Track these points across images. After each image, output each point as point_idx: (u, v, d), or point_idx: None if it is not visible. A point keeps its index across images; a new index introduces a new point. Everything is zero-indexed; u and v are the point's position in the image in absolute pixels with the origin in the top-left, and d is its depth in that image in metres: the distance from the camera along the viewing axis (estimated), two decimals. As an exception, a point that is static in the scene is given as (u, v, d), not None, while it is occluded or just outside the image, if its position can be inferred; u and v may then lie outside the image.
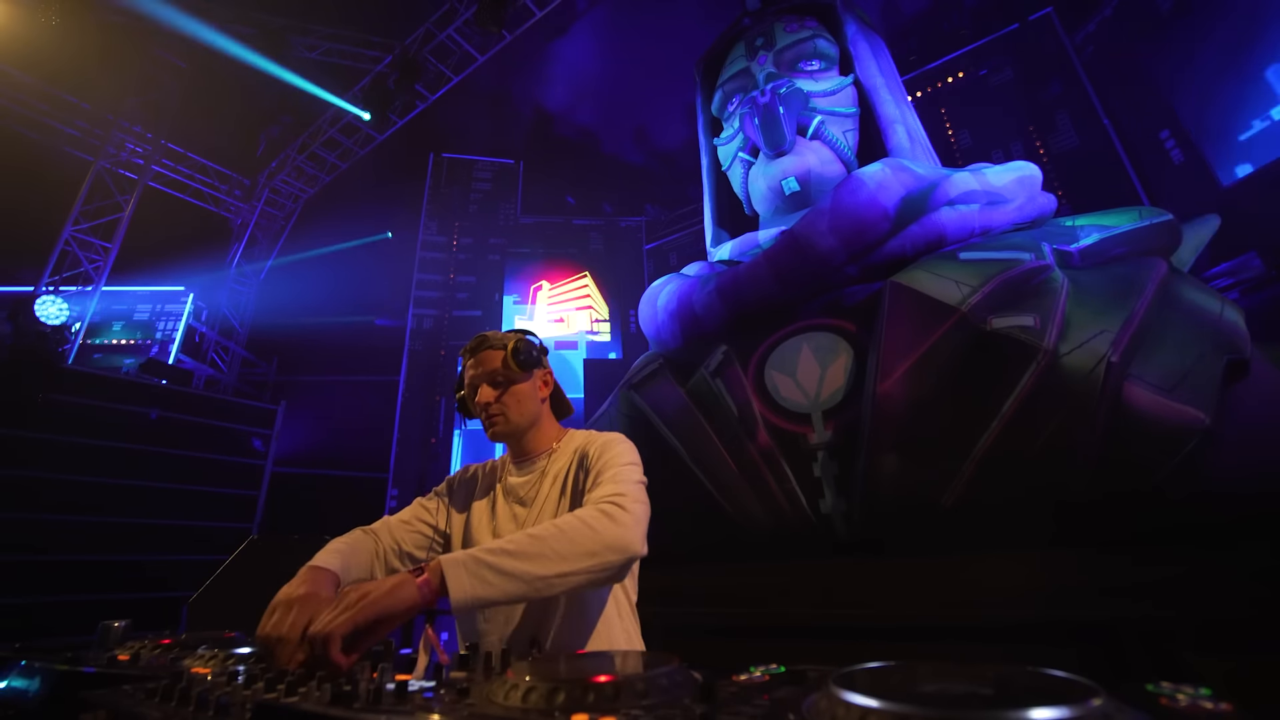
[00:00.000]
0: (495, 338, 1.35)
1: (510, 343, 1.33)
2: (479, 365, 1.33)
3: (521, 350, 1.31)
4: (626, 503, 1.06)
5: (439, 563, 0.91)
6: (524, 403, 1.33)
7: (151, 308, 8.44)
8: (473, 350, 1.35)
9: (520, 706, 0.63)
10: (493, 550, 0.93)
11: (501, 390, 1.31)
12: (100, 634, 1.29)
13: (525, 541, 0.95)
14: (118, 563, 5.28)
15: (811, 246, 3.03)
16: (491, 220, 10.31)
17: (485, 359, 1.32)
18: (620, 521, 1.02)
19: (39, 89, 7.36)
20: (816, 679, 0.68)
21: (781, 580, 2.63)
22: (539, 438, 1.36)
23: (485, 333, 1.37)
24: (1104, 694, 0.46)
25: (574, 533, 0.98)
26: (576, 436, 1.37)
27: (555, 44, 11.80)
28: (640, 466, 1.24)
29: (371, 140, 8.71)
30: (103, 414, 5.48)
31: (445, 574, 0.89)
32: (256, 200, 9.32)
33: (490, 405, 1.30)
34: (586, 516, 1.02)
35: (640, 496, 1.13)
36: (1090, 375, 2.13)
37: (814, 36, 4.07)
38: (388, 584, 0.88)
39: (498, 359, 1.31)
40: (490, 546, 0.95)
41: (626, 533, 1.01)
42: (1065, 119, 6.26)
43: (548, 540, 0.96)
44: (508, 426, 1.32)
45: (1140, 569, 1.97)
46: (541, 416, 1.38)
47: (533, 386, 1.35)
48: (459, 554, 0.93)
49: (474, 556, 0.92)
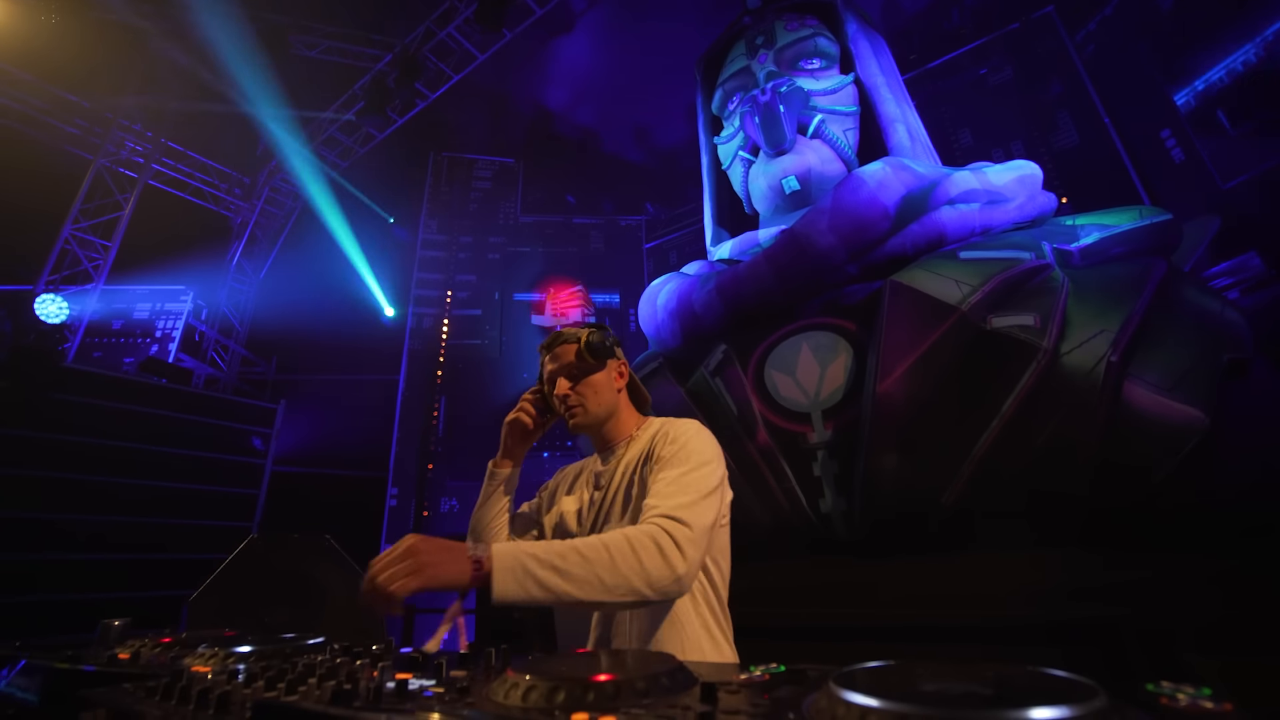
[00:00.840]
0: (569, 332, 1.38)
1: (584, 335, 1.35)
2: (555, 359, 1.36)
3: (595, 341, 1.34)
4: (681, 534, 1.03)
5: (493, 556, 0.93)
6: (600, 393, 1.35)
7: (151, 306, 8.43)
8: (549, 345, 1.39)
9: (520, 705, 0.63)
10: (544, 561, 0.94)
11: (577, 381, 1.34)
12: (100, 633, 1.29)
13: (576, 561, 0.95)
14: (118, 562, 5.28)
15: (811, 245, 3.03)
16: (491, 219, 10.30)
17: (561, 353, 1.36)
18: (670, 559, 0.99)
19: (39, 87, 7.35)
20: (816, 679, 0.68)
21: (781, 579, 2.63)
22: (618, 427, 1.38)
23: (561, 328, 1.41)
24: (1104, 694, 0.46)
25: (623, 562, 0.97)
26: (654, 424, 1.36)
27: (555, 43, 11.79)
28: (717, 463, 1.20)
29: (372, 139, 8.70)
30: (103, 413, 5.48)
31: (495, 575, 0.92)
32: (256, 199, 9.30)
33: (568, 397, 1.33)
34: (639, 545, 0.99)
35: (703, 516, 1.08)
36: (1090, 375, 2.13)
37: (814, 35, 4.07)
38: (449, 555, 0.92)
39: (572, 352, 1.35)
40: (544, 556, 0.95)
41: (672, 573, 0.99)
42: (1066, 118, 6.26)
43: (596, 565, 0.96)
44: (586, 417, 1.34)
45: (1140, 569, 1.97)
46: (619, 406, 1.39)
47: (608, 377, 1.37)
48: (515, 553, 0.94)
49: (524, 565, 0.93)
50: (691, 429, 1.26)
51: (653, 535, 1.01)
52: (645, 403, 1.47)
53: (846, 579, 2.50)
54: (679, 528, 1.03)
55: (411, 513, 8.21)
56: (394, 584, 0.87)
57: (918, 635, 2.22)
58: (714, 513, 1.13)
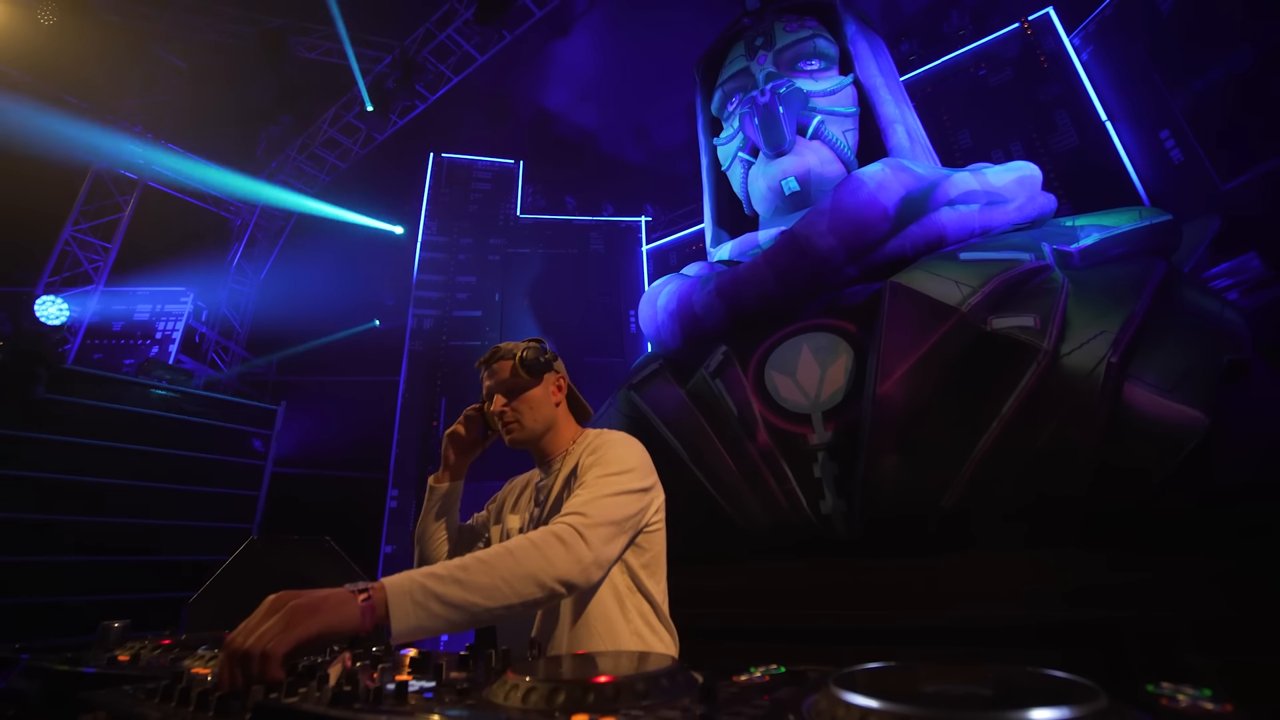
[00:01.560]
0: (506, 348, 1.38)
1: (519, 351, 1.36)
2: (492, 375, 1.37)
3: (529, 357, 1.34)
4: (584, 524, 1.03)
5: (384, 587, 0.85)
6: (536, 409, 1.35)
7: (151, 308, 8.44)
8: (486, 362, 1.40)
9: (520, 707, 0.63)
10: (444, 578, 0.89)
11: (513, 397, 1.34)
12: (100, 634, 1.29)
13: (476, 567, 0.91)
14: (118, 563, 5.28)
15: (811, 246, 3.03)
16: (491, 220, 10.30)
17: (497, 369, 1.37)
18: (572, 548, 0.98)
19: (39, 88, 7.37)
20: (816, 679, 0.68)
21: (781, 580, 2.63)
22: (556, 441, 1.39)
23: (499, 344, 1.41)
24: (1104, 694, 0.46)
25: (526, 560, 0.94)
26: (587, 436, 1.38)
27: (555, 44, 11.80)
28: (636, 472, 1.21)
29: (372, 140, 8.72)
30: (103, 414, 5.48)
31: (390, 603, 0.84)
32: (257, 200, 9.33)
33: (504, 413, 1.34)
34: (540, 541, 0.98)
35: (608, 511, 1.08)
36: (1090, 376, 2.13)
37: (814, 36, 4.07)
38: (329, 601, 0.82)
39: (508, 368, 1.35)
40: (443, 572, 0.90)
41: (577, 562, 0.98)
42: (1065, 119, 6.26)
43: (498, 569, 0.92)
44: (523, 433, 1.35)
45: (1140, 569, 1.97)
46: (557, 420, 1.40)
47: (545, 392, 1.38)
48: (410, 577, 0.87)
49: (422, 586, 0.86)
50: (614, 439, 1.28)
51: (554, 530, 1.01)
52: (586, 414, 1.48)
53: (846, 580, 2.50)
54: (580, 519, 1.04)
55: (411, 514, 8.20)
56: (266, 643, 0.74)
57: (918, 636, 2.22)
58: (625, 511, 1.12)
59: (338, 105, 8.40)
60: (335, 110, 8.45)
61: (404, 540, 7.91)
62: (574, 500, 1.11)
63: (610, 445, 1.26)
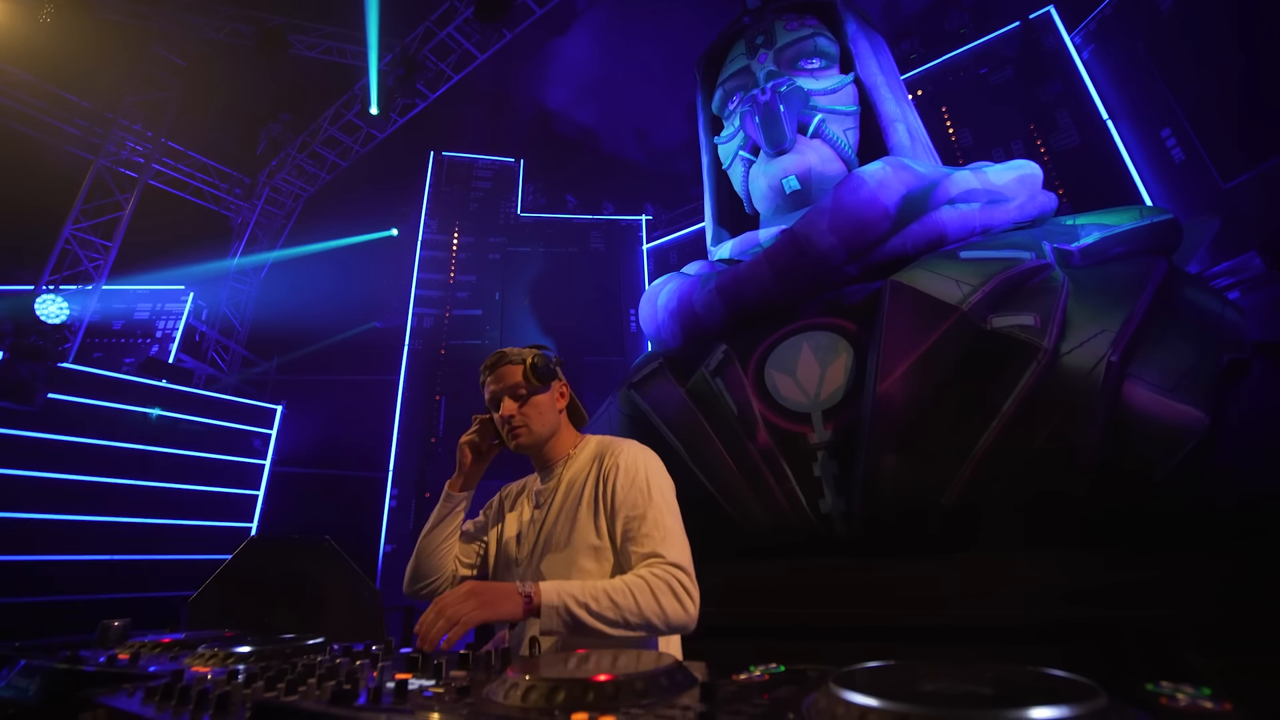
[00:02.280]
0: (513, 353, 1.40)
1: (528, 357, 1.37)
2: (499, 380, 1.37)
3: (539, 364, 1.36)
4: (689, 582, 1.16)
5: (542, 598, 1.06)
6: (544, 414, 1.38)
7: (151, 307, 8.43)
8: (492, 367, 1.40)
9: (520, 705, 0.63)
10: (581, 602, 1.07)
11: (521, 403, 1.36)
12: (100, 634, 1.29)
13: (608, 604, 1.07)
14: (117, 563, 5.28)
15: (812, 245, 3.03)
16: (491, 219, 10.30)
17: (505, 374, 1.37)
18: (684, 604, 1.13)
19: (39, 87, 7.35)
20: (816, 678, 0.68)
21: (781, 580, 2.63)
22: (557, 446, 1.42)
23: (503, 349, 1.41)
24: (1104, 694, 0.46)
25: (646, 607, 1.09)
26: (591, 442, 1.42)
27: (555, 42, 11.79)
28: (670, 490, 1.29)
29: (372, 139, 8.71)
30: (103, 413, 5.49)
31: (542, 611, 1.06)
32: (257, 199, 9.31)
33: (513, 418, 1.35)
34: (659, 590, 1.11)
35: (687, 547, 1.22)
36: (1090, 374, 2.13)
37: (814, 35, 4.07)
38: (504, 595, 1.07)
39: (517, 373, 1.36)
40: (581, 597, 1.07)
41: (687, 615, 1.13)
42: (1066, 118, 6.26)
43: (623, 607, 1.08)
44: (530, 437, 1.36)
45: (1140, 568, 1.97)
46: (560, 426, 1.43)
47: (551, 398, 1.40)
48: (558, 593, 1.07)
49: (565, 605, 1.06)
50: (641, 460, 1.31)
51: (668, 582, 1.13)
52: (582, 419, 1.52)
53: (846, 579, 2.50)
54: (684, 575, 1.16)
55: (412, 513, 8.20)
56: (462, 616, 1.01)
57: (917, 635, 2.22)
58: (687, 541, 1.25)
59: (338, 104, 8.39)
60: (336, 108, 8.44)
61: (404, 540, 7.91)
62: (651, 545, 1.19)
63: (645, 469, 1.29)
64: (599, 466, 1.32)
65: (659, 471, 1.31)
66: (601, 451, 1.36)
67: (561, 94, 12.86)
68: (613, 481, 1.27)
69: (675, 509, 1.27)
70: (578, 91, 12.84)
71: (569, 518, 1.30)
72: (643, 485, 1.25)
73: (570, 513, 1.30)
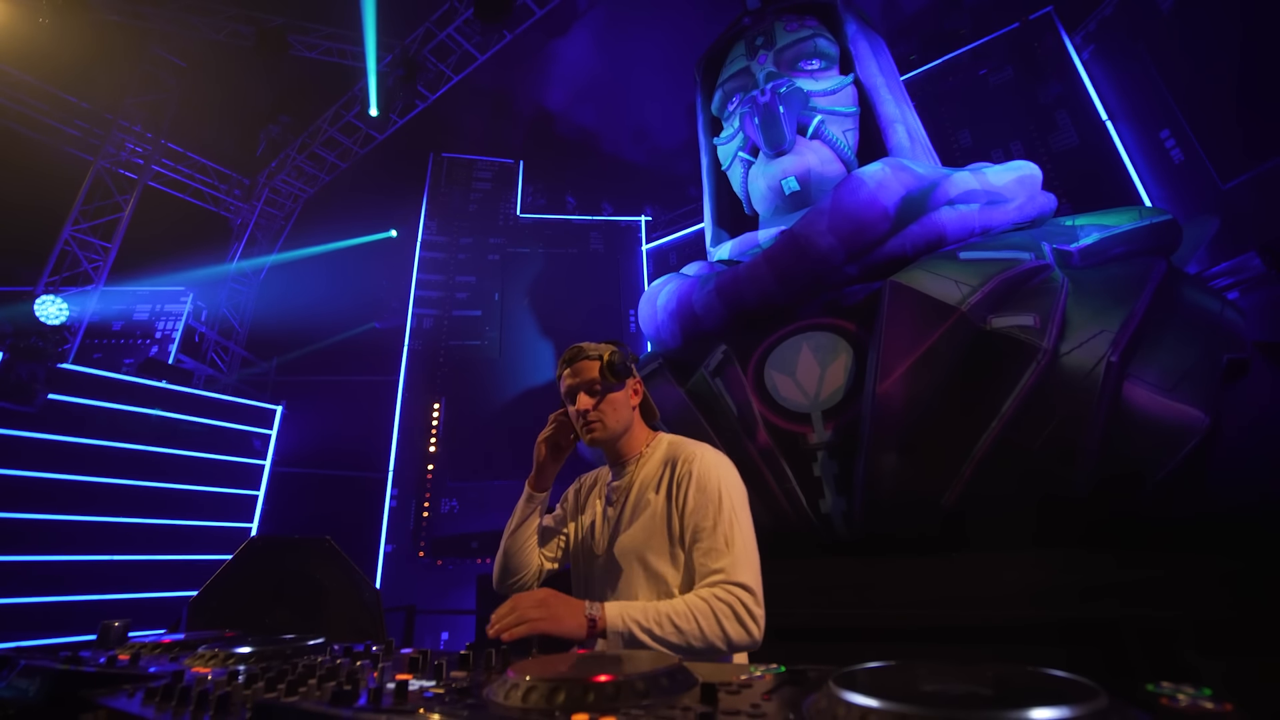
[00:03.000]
0: (591, 348, 1.41)
1: (605, 354, 1.38)
2: (576, 375, 1.38)
3: (616, 360, 1.37)
4: (754, 604, 1.15)
5: (607, 621, 1.10)
6: (619, 410, 1.39)
7: (151, 307, 8.43)
8: (569, 361, 1.41)
9: (520, 706, 0.63)
10: (645, 628, 1.09)
11: (598, 399, 1.37)
12: (100, 634, 1.29)
13: (671, 630, 1.09)
14: (118, 563, 5.28)
15: (811, 246, 3.03)
16: (491, 220, 10.30)
17: (582, 369, 1.38)
18: (748, 627, 1.13)
19: (38, 88, 7.36)
20: (816, 679, 0.68)
21: (781, 580, 2.62)
22: (630, 443, 1.43)
23: (581, 344, 1.43)
24: (1105, 694, 0.46)
25: (710, 632, 1.10)
26: (664, 442, 1.43)
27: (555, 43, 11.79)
28: (744, 501, 1.30)
29: (372, 140, 8.71)
30: (103, 414, 5.48)
31: (608, 632, 1.09)
32: (256, 200, 9.31)
33: (588, 413, 1.36)
34: (722, 615, 1.12)
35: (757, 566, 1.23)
36: (1090, 375, 2.13)
37: (814, 36, 4.07)
38: (571, 610, 1.09)
39: (594, 369, 1.37)
40: (644, 622, 1.09)
41: (750, 637, 1.13)
42: (1065, 118, 6.26)
43: (687, 635, 1.09)
44: (605, 433, 1.37)
45: (1140, 569, 1.97)
46: (633, 423, 1.44)
47: (625, 395, 1.41)
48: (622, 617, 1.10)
49: (630, 630, 1.09)
50: (710, 468, 1.30)
51: (732, 605, 1.13)
52: (654, 417, 1.52)
53: (846, 579, 2.50)
54: (749, 596, 1.16)
55: (412, 514, 8.20)
56: (529, 620, 1.04)
57: (918, 635, 2.22)
58: (758, 557, 1.26)
59: (338, 105, 8.39)
60: (335, 109, 8.44)
61: (404, 540, 7.90)
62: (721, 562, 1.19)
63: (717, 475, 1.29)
64: (672, 471, 1.32)
65: (733, 481, 1.31)
66: (675, 454, 1.36)
67: (561, 95, 12.86)
68: (686, 488, 1.28)
69: (746, 521, 1.27)
70: (578, 92, 12.85)
71: (643, 521, 1.31)
72: (714, 495, 1.26)
73: (644, 514, 1.31)
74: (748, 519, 1.27)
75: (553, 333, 9.39)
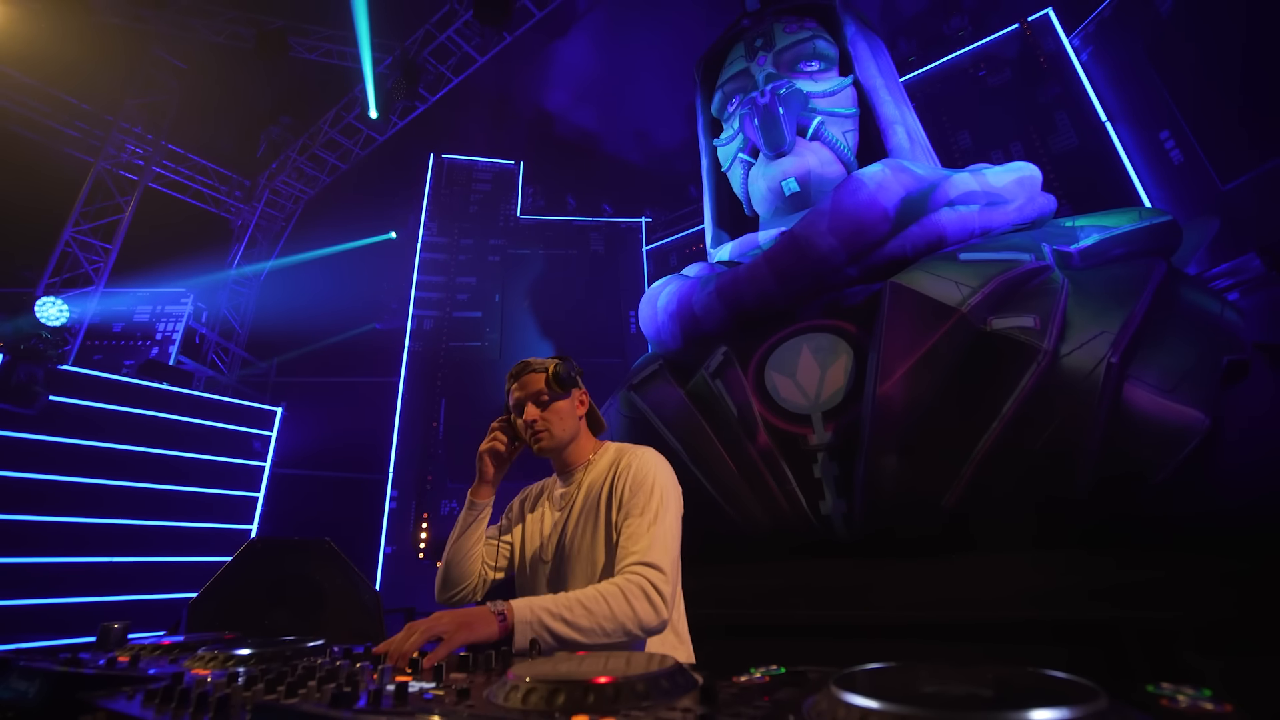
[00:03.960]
0: (537, 362, 1.48)
1: (550, 366, 1.45)
2: (523, 388, 1.45)
3: (561, 372, 1.44)
4: (662, 582, 1.19)
5: (513, 614, 1.10)
6: (564, 419, 1.45)
7: (152, 309, 8.44)
8: (516, 375, 1.48)
9: (520, 707, 0.63)
10: (555, 615, 1.11)
11: (544, 408, 1.44)
12: (100, 635, 1.29)
13: (581, 613, 1.12)
14: (117, 565, 5.28)
15: (811, 247, 3.03)
16: (491, 221, 10.31)
17: (528, 381, 1.45)
18: (655, 604, 1.17)
19: (39, 90, 7.37)
20: (817, 680, 0.68)
21: (781, 580, 2.63)
22: (577, 451, 1.49)
23: (528, 359, 1.50)
24: (1104, 695, 0.46)
25: (619, 611, 1.14)
26: (610, 449, 1.49)
27: (555, 45, 11.80)
28: (675, 499, 1.34)
29: (372, 141, 8.72)
30: (103, 415, 5.48)
31: (515, 628, 1.08)
32: (257, 201, 9.32)
33: (535, 423, 1.43)
34: (631, 594, 1.15)
35: (670, 552, 1.25)
36: (1090, 376, 2.13)
37: (813, 37, 4.07)
38: (479, 619, 1.08)
39: (540, 380, 1.44)
40: (555, 609, 1.11)
41: (658, 616, 1.17)
42: (1065, 119, 6.27)
43: (597, 616, 1.12)
44: (551, 441, 1.44)
45: (1140, 569, 1.96)
46: (580, 432, 1.50)
47: (571, 405, 1.48)
48: (530, 608, 1.10)
49: (540, 619, 1.10)
50: (649, 464, 1.37)
51: (640, 585, 1.17)
52: (601, 427, 1.59)
53: (846, 580, 2.49)
54: (657, 574, 1.19)
55: (411, 515, 8.20)
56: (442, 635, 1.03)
57: (918, 636, 2.22)
58: (677, 545, 1.28)
59: (338, 106, 8.41)
60: (335, 111, 8.45)
61: (404, 541, 7.90)
62: (644, 548, 1.23)
63: (648, 472, 1.35)
64: (614, 471, 1.39)
65: (668, 478, 1.37)
66: (619, 457, 1.43)
67: (561, 96, 12.88)
68: (625, 481, 1.34)
69: (675, 514, 1.32)
70: (577, 94, 12.86)
71: (589, 522, 1.37)
72: (648, 487, 1.32)
73: (590, 517, 1.37)
74: (676, 513, 1.32)
75: (553, 334, 9.40)
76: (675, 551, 1.27)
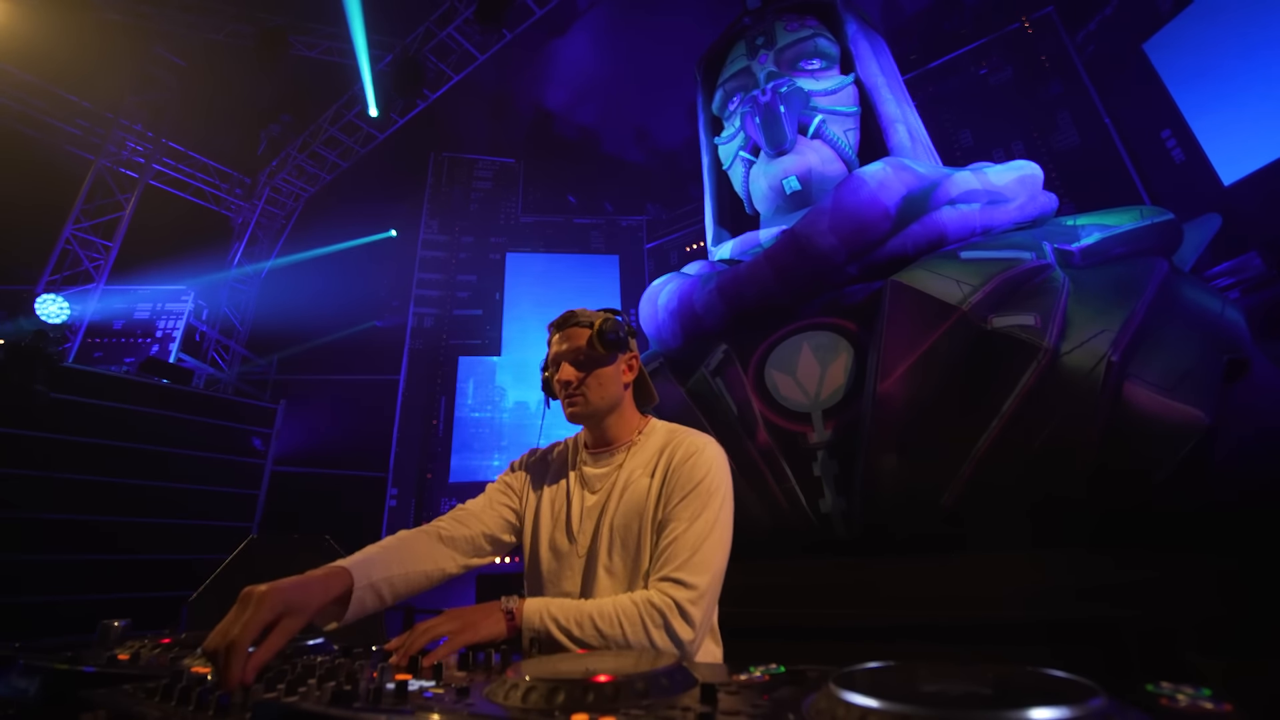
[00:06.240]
0: (584, 314, 1.29)
1: (597, 321, 1.26)
2: (564, 341, 1.26)
3: (608, 330, 1.23)
4: (692, 602, 1.02)
5: (524, 617, 1.02)
6: (606, 385, 1.25)
7: (152, 306, 8.44)
8: (560, 325, 1.30)
9: (520, 706, 0.63)
10: (564, 628, 1.01)
11: (584, 371, 1.24)
12: (100, 634, 1.29)
13: (592, 633, 1.00)
14: (117, 563, 5.28)
15: (812, 245, 3.03)
16: (492, 219, 10.31)
17: (571, 335, 1.26)
18: (677, 636, 1.01)
19: (40, 87, 7.37)
20: (816, 679, 0.68)
21: (781, 580, 2.63)
22: (619, 425, 1.29)
23: (574, 309, 1.31)
24: (1104, 694, 0.46)
25: (634, 640, 1.00)
26: (659, 431, 1.29)
27: (556, 43, 11.78)
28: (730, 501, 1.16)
29: (372, 139, 8.71)
30: (103, 413, 5.48)
31: (523, 629, 1.02)
32: (257, 199, 9.32)
33: (571, 384, 1.23)
34: (651, 625, 1.00)
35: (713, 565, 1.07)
36: (1091, 375, 2.13)
37: (814, 35, 4.06)
38: (486, 618, 1.02)
39: (583, 337, 1.25)
40: (565, 621, 1.01)
41: (676, 645, 1.02)
42: (1066, 118, 6.26)
43: (609, 640, 1.00)
44: (586, 408, 1.24)
45: (1140, 569, 1.96)
46: (623, 402, 1.29)
47: (616, 370, 1.28)
48: (539, 617, 1.02)
49: (547, 630, 1.01)
50: (707, 460, 1.17)
51: (664, 611, 1.01)
52: (651, 399, 1.39)
53: (846, 579, 2.50)
54: (688, 594, 1.03)
55: (411, 513, 8.21)
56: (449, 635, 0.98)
57: (918, 635, 2.22)
58: (724, 554, 1.11)
59: (338, 104, 8.40)
60: (336, 109, 8.44)
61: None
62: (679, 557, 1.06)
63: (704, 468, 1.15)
64: (668, 461, 1.19)
65: (725, 479, 1.17)
66: (673, 442, 1.22)
67: (562, 94, 12.86)
68: (677, 478, 1.16)
69: (726, 526, 1.13)
70: (578, 92, 12.85)
71: (633, 517, 1.17)
72: (705, 491, 1.13)
73: (634, 511, 1.17)
74: (729, 520, 1.14)
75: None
76: (720, 563, 1.09)
